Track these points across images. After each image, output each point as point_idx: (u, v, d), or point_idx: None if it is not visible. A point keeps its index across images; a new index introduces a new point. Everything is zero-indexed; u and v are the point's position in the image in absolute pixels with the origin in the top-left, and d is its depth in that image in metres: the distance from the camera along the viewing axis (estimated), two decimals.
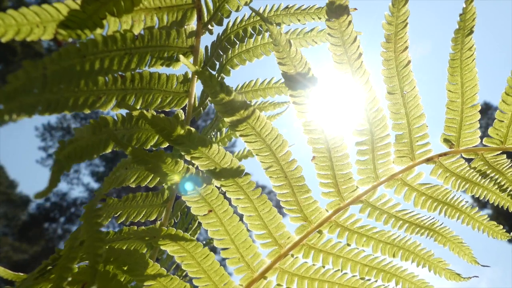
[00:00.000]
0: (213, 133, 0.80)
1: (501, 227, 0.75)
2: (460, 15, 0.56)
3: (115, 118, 0.49)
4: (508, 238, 0.76)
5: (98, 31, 0.42)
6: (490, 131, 0.64)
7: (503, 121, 0.62)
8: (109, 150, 0.48)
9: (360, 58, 0.58)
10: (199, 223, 0.90)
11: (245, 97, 0.78)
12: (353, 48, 0.57)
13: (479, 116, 0.63)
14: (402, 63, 0.59)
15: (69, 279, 0.36)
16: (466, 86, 0.60)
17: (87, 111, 0.44)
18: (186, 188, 0.61)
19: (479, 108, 0.62)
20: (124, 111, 0.50)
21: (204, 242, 0.88)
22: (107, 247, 0.55)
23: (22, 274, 0.51)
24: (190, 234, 0.73)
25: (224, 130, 0.83)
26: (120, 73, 0.47)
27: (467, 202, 0.72)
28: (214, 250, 0.76)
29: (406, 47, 0.58)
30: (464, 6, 0.55)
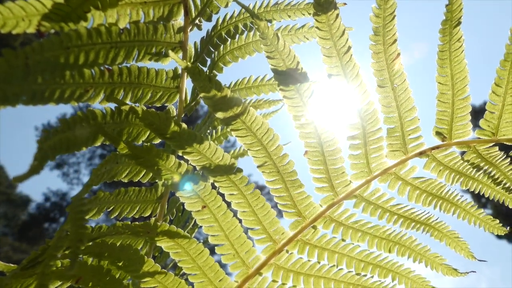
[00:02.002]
0: (208, 131, 0.81)
1: (497, 221, 0.74)
2: (447, 5, 0.56)
3: (104, 111, 0.50)
4: (505, 233, 0.75)
5: (83, 24, 0.43)
6: (481, 122, 0.64)
7: (494, 112, 0.62)
8: (98, 143, 0.49)
9: (349, 51, 0.59)
10: (196, 221, 0.90)
11: (238, 94, 0.79)
12: (342, 41, 0.58)
13: (470, 108, 0.63)
14: (391, 56, 0.60)
15: (57, 266, 0.37)
16: (456, 78, 0.60)
17: (74, 104, 0.44)
18: (179, 184, 0.62)
19: (470, 100, 0.62)
20: (113, 105, 0.51)
21: (203, 241, 0.88)
22: (100, 241, 0.55)
23: (12, 265, 0.51)
24: (187, 232, 0.73)
25: (219, 128, 0.83)
26: (107, 66, 0.48)
27: (462, 196, 0.72)
28: (213, 249, 0.76)
29: (395, 40, 0.59)
30: None
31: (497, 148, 0.66)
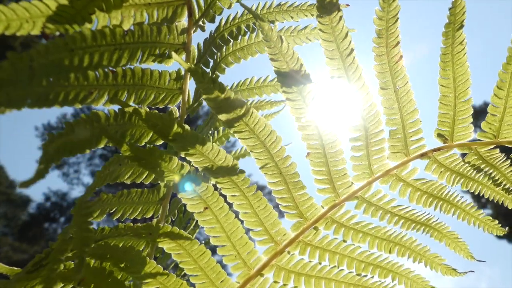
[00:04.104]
0: (210, 132, 0.81)
1: (496, 222, 0.75)
2: (450, 9, 0.56)
3: (107, 113, 0.50)
4: (503, 233, 0.76)
5: (87, 26, 0.43)
6: (483, 125, 0.64)
7: (495, 115, 0.62)
8: (101, 146, 0.48)
9: (352, 53, 0.59)
10: (198, 222, 0.90)
11: (240, 95, 0.79)
12: (345, 43, 0.58)
13: (472, 111, 0.63)
14: (394, 58, 0.60)
15: (61, 269, 0.37)
16: (458, 80, 0.61)
17: (78, 106, 0.44)
18: (182, 185, 0.62)
19: (472, 102, 0.62)
20: (116, 107, 0.51)
21: (204, 242, 0.88)
22: (102, 243, 0.55)
23: (16, 268, 0.51)
24: (188, 233, 0.73)
25: (221, 129, 0.83)
26: (111, 68, 0.48)
27: (462, 197, 0.72)
28: (214, 250, 0.76)
29: (398, 42, 0.59)
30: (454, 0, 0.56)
31: (498, 150, 0.66)
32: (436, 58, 0.62)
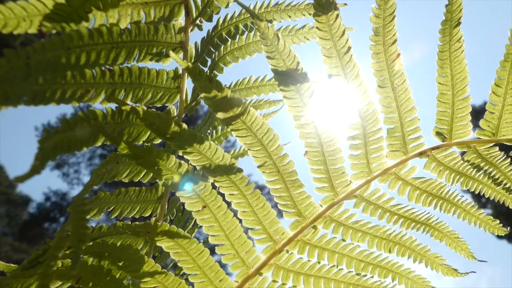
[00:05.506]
0: (209, 131, 0.81)
1: (498, 221, 0.74)
2: (447, 6, 0.56)
3: (105, 111, 0.50)
4: (505, 233, 0.75)
5: (84, 24, 0.43)
6: (482, 123, 0.64)
7: (494, 112, 0.62)
8: (99, 144, 0.49)
9: (349, 51, 0.59)
10: (197, 221, 0.90)
11: (238, 94, 0.79)
12: (342, 41, 0.58)
13: (470, 108, 0.63)
14: (391, 56, 0.60)
15: (57, 267, 0.37)
16: (456, 78, 0.60)
17: (75, 104, 0.45)
18: (180, 184, 0.62)
19: (470, 100, 0.62)
20: (114, 105, 0.51)
21: (203, 240, 0.88)
22: (100, 241, 0.56)
23: (13, 265, 0.51)
24: (187, 232, 0.73)
25: (219, 128, 0.83)
26: (108, 67, 0.48)
27: (462, 196, 0.72)
28: (213, 249, 0.76)
29: (395, 40, 0.59)
30: None
31: (497, 148, 0.66)
32: (435, 57, 0.62)
